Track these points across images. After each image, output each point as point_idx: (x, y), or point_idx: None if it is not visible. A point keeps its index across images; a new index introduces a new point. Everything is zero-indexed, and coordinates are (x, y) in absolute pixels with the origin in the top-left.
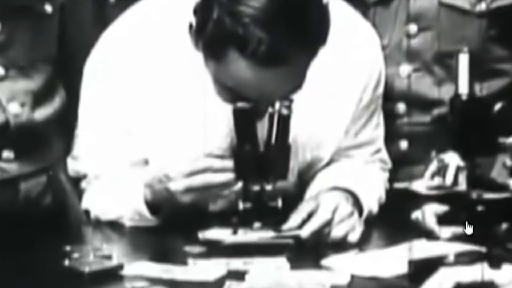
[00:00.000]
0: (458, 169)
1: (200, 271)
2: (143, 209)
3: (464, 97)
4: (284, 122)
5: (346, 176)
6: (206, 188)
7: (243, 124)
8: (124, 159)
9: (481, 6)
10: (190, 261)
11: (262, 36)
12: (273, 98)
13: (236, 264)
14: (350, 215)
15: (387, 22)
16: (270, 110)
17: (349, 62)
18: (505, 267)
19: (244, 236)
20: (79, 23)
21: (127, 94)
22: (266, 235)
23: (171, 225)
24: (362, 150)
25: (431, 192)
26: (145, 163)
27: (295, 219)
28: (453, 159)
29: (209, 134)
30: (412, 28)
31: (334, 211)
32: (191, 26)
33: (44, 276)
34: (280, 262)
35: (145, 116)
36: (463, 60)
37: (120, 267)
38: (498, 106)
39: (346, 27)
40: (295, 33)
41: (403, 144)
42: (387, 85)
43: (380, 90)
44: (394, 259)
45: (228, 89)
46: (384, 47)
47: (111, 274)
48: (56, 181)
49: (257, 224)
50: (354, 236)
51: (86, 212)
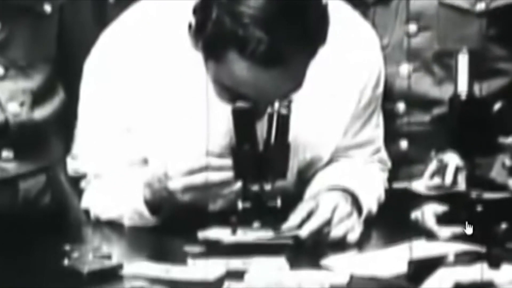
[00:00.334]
0: (458, 169)
1: (200, 271)
2: (143, 209)
3: (463, 97)
4: (284, 122)
5: (345, 176)
6: (205, 187)
7: (243, 124)
8: (124, 158)
9: (481, 6)
10: (190, 260)
11: (262, 36)
12: (272, 98)
13: (236, 263)
14: (350, 215)
15: (387, 21)
16: (269, 110)
17: (348, 62)
18: (505, 267)
19: (244, 235)
20: (79, 23)
21: (126, 93)
22: (266, 234)
23: (171, 225)
24: (361, 150)
25: (431, 192)
26: (144, 162)
27: (294, 219)
28: (452, 159)
29: (208, 134)
30: (412, 27)
31: (334, 211)
32: (190, 26)
33: (44, 275)
34: (279, 262)
35: (144, 115)
36: (462, 60)
37: (120, 266)
38: (498, 106)
39: (346, 27)
40: (294, 33)
41: (403, 144)
42: (387, 84)
43: (380, 89)
44: (394, 259)
45: (227, 89)
46: (384, 47)
47: (110, 273)
48: (55, 181)
49: (256, 224)
50: (354, 236)
51: (85, 211)
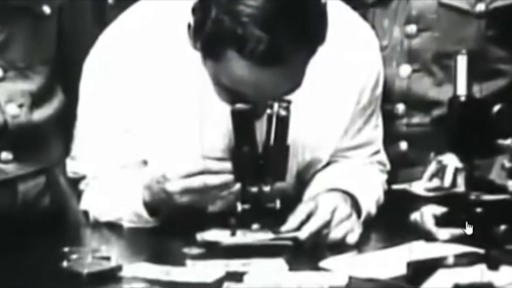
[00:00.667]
0: (457, 171)
1: (199, 273)
2: (142, 210)
3: (462, 99)
4: (283, 124)
5: (344, 178)
6: (203, 190)
7: (242, 125)
8: (123, 160)
9: (480, 7)
10: (189, 262)
11: (261, 35)
12: (271, 97)
13: (235, 265)
14: (349, 216)
15: (386, 22)
16: (268, 111)
17: (347, 63)
18: (504, 268)
19: (243, 237)
20: (78, 24)
21: (125, 94)
22: (265, 236)
23: (170, 227)
24: (360, 151)
25: (430, 194)
26: (143, 163)
27: (293, 221)
28: (451, 160)
29: (207, 135)
30: (412, 28)
31: (333, 212)
32: (189, 25)
33: (43, 277)
34: (278, 264)
35: (143, 116)
36: (462, 61)
37: (119, 268)
38: (497, 108)
39: (345, 27)
40: (293, 32)
41: (403, 145)
42: (386, 86)
43: (379, 91)
44: (393, 261)
45: (226, 89)
46: (383, 48)
47: (109, 275)
48: (54, 182)
49: (255, 226)
50: (353, 238)
51: (85, 213)
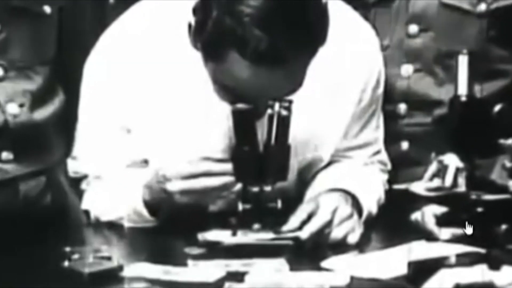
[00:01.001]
0: (458, 171)
1: (200, 273)
2: (142, 210)
3: (463, 98)
4: (284, 123)
5: (345, 178)
6: (203, 191)
7: (243, 125)
8: (124, 159)
9: (482, 7)
10: (190, 262)
11: (262, 36)
12: (272, 97)
13: (236, 265)
14: (350, 216)
15: (387, 22)
16: (269, 111)
17: (348, 63)
18: (505, 268)
19: (244, 237)
20: (79, 24)
21: (126, 94)
22: (266, 236)
23: (171, 226)
24: (361, 151)
25: (431, 194)
26: (145, 163)
27: (294, 220)
28: (452, 160)
29: (208, 135)
30: (413, 28)
31: (334, 212)
32: (190, 25)
33: (44, 277)
34: (279, 264)
35: (144, 116)
36: (463, 61)
37: (120, 268)
38: (498, 108)
39: (346, 27)
40: (294, 33)
41: (404, 145)
42: (387, 85)
43: (380, 90)
44: (394, 261)
45: (227, 89)
46: (384, 48)
47: (110, 275)
48: (55, 182)
49: (256, 226)
50: (354, 238)
51: (86, 213)
